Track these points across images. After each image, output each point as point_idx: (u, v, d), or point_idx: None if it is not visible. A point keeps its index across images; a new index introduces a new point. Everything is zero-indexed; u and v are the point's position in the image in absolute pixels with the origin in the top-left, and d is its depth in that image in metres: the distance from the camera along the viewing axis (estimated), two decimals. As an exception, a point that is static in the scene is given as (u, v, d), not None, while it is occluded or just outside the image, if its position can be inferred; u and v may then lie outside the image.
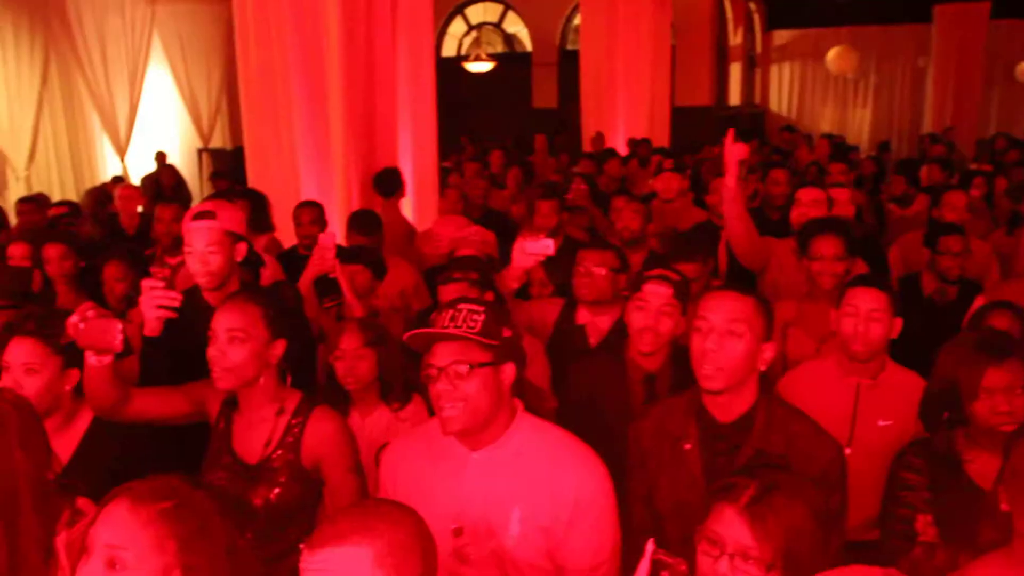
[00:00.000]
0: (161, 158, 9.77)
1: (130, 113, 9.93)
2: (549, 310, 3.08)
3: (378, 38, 5.01)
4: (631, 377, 2.46)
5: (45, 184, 9.23)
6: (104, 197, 7.76)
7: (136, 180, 9.37)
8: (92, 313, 1.94)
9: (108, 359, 1.99)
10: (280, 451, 2.08)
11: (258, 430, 2.09)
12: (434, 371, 1.70)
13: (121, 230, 5.73)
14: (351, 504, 1.37)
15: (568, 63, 13.34)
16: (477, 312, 1.71)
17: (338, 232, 4.06)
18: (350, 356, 2.56)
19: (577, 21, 12.88)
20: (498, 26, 15.51)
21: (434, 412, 1.75)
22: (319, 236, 3.24)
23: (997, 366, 1.94)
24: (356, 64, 4.81)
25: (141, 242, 4.88)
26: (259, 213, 4.35)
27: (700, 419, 1.92)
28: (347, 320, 2.79)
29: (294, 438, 2.08)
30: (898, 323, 2.41)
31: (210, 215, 2.47)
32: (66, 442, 2.13)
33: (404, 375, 2.58)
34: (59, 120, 9.73)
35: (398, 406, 2.62)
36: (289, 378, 2.14)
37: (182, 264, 3.19)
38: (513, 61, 14.95)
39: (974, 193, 5.40)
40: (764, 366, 1.88)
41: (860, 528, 2.28)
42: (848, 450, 2.26)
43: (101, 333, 1.93)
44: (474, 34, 15.50)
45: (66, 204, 5.84)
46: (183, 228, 2.54)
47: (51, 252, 3.66)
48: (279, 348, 2.08)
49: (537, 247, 2.75)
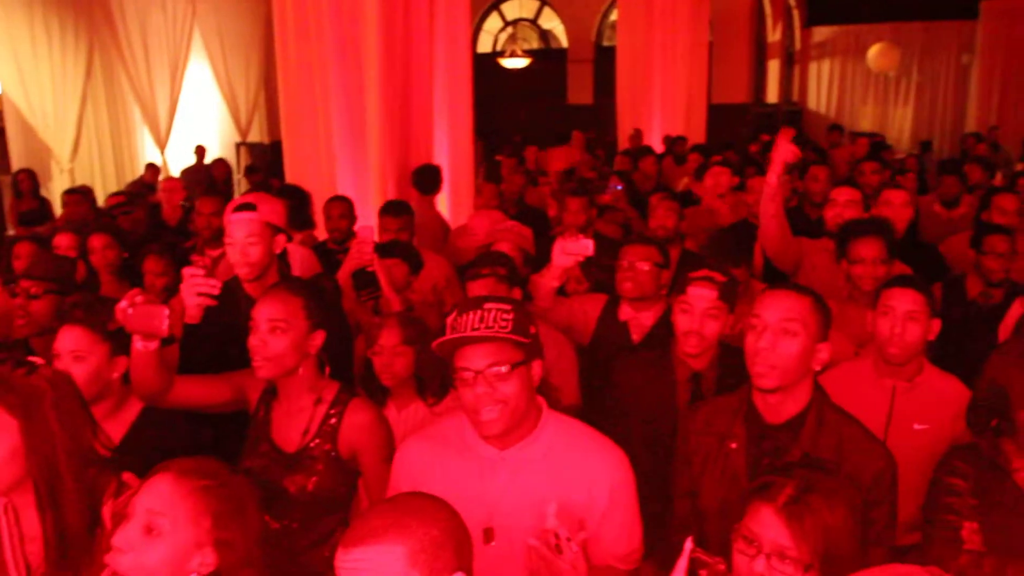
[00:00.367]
0: (200, 152, 9.91)
1: (170, 107, 10.08)
2: (591, 306, 3.07)
3: (415, 34, 5.03)
4: (677, 375, 2.44)
5: (88, 176, 9.42)
6: (144, 190, 7.90)
7: (175, 173, 9.52)
8: (140, 299, 1.98)
9: (154, 344, 2.03)
10: (317, 440, 2.10)
11: (296, 419, 2.12)
12: (470, 374, 1.67)
13: (163, 222, 5.83)
14: (384, 499, 1.36)
15: (604, 59, 13.28)
16: (506, 311, 1.69)
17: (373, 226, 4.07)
18: (388, 352, 2.58)
19: (613, 17, 12.82)
20: (534, 22, 15.49)
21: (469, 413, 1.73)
22: (357, 230, 3.26)
23: None
24: (393, 60, 4.84)
25: (183, 234, 4.95)
26: (297, 210, 4.38)
27: (748, 419, 1.90)
28: (387, 316, 2.80)
29: (331, 428, 2.11)
30: (936, 324, 2.36)
31: (251, 207, 2.51)
32: (115, 428, 2.17)
33: (441, 372, 2.58)
34: (102, 114, 9.91)
35: (433, 401, 2.63)
36: (328, 369, 2.16)
37: (223, 256, 3.24)
38: (549, 57, 14.93)
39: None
40: (819, 366, 1.86)
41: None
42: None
43: (148, 318, 1.96)
44: (510, 30, 15.50)
45: (123, 194, 5.94)
46: (224, 220, 2.57)
47: (96, 243, 3.75)
48: (318, 339, 2.11)
49: (577, 247, 2.75)
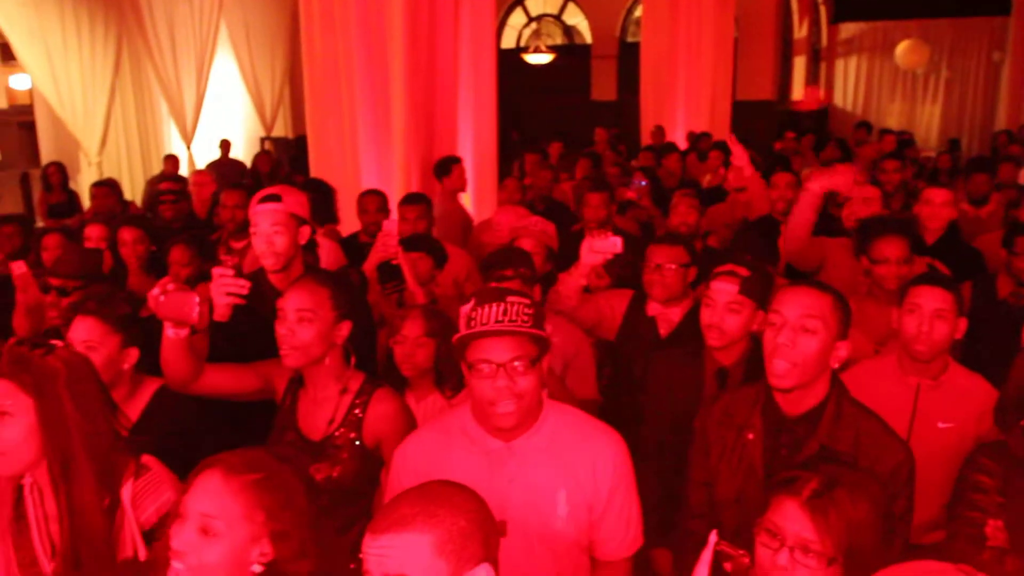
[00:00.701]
0: (225, 146, 9.99)
1: (197, 101, 10.16)
2: (618, 301, 3.08)
3: (440, 29, 5.05)
4: (706, 370, 2.46)
5: (115, 170, 9.53)
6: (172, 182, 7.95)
7: (200, 166, 9.61)
8: (172, 287, 2.01)
9: (185, 332, 2.06)
10: (343, 429, 2.13)
11: (322, 408, 2.15)
12: (491, 367, 1.68)
13: (194, 214, 5.88)
14: (413, 487, 1.38)
15: (628, 55, 13.22)
16: (527, 305, 1.71)
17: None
18: (410, 343, 2.60)
19: (638, 13, 12.76)
20: (558, 18, 15.45)
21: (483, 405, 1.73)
22: (383, 223, 3.28)
23: None
24: (418, 55, 4.85)
25: (210, 227, 5.01)
26: (321, 204, 4.41)
27: (766, 411, 1.90)
28: (412, 307, 2.83)
29: (357, 417, 2.14)
30: (963, 324, 2.35)
31: (276, 198, 2.55)
32: (128, 415, 2.20)
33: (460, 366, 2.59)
34: (129, 107, 10.02)
35: (451, 394, 2.65)
36: (353, 359, 2.19)
37: (247, 247, 3.28)
38: (572, 53, 14.89)
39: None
40: (837, 364, 1.85)
41: (917, 531, 2.22)
42: (905, 451, 2.21)
43: (179, 306, 1.99)
44: (534, 26, 15.48)
45: (176, 182, 5.99)
46: (250, 211, 2.61)
47: (126, 235, 3.79)
48: (345, 329, 2.14)
49: (605, 245, 2.77)
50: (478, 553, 1.30)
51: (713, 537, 1.41)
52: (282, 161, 10.00)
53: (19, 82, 9.79)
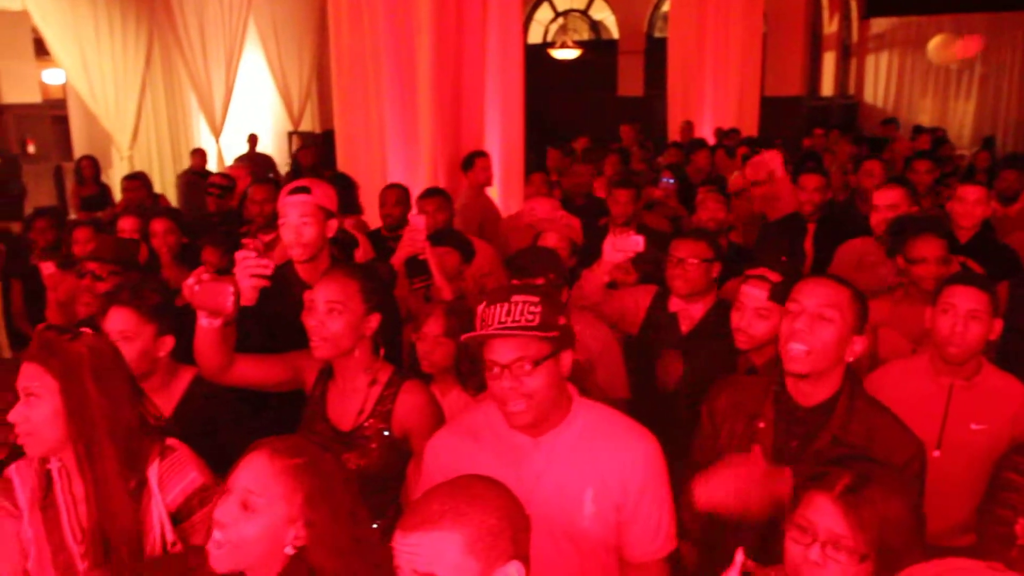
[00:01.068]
0: (253, 140, 10.08)
1: (225, 95, 10.27)
2: (641, 297, 3.08)
3: (468, 24, 5.05)
4: (738, 368, 2.47)
5: (145, 163, 9.67)
6: (196, 178, 8.04)
7: (229, 161, 9.71)
8: (207, 276, 2.05)
9: (219, 321, 2.08)
10: (372, 420, 2.16)
11: (352, 399, 2.18)
12: (497, 368, 1.69)
13: (235, 210, 5.91)
14: (443, 483, 1.38)
15: (655, 51, 13.14)
16: (534, 303, 1.68)
17: (420, 215, 4.10)
18: (430, 341, 2.61)
19: (665, 8, 12.68)
20: (585, 13, 15.40)
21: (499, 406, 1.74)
22: (410, 217, 3.29)
23: None
24: (446, 49, 4.87)
25: (242, 220, 5.04)
26: (343, 197, 4.43)
27: (779, 400, 1.91)
28: (436, 303, 2.83)
29: (386, 408, 2.16)
30: (998, 324, 2.31)
31: (305, 190, 2.58)
32: (165, 402, 2.27)
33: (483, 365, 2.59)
34: (160, 102, 10.15)
35: (474, 393, 2.65)
36: (382, 351, 2.21)
37: (275, 240, 3.30)
38: (599, 48, 14.84)
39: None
40: (852, 358, 1.85)
41: (948, 534, 2.21)
42: (937, 452, 2.20)
43: (214, 295, 2.02)
44: (560, 21, 15.44)
45: (224, 176, 6.06)
46: (279, 203, 2.63)
47: (157, 227, 3.85)
48: (374, 321, 2.16)
49: (627, 243, 2.77)
50: (508, 550, 1.31)
51: (740, 556, 1.41)
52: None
53: (53, 77, 9.94)
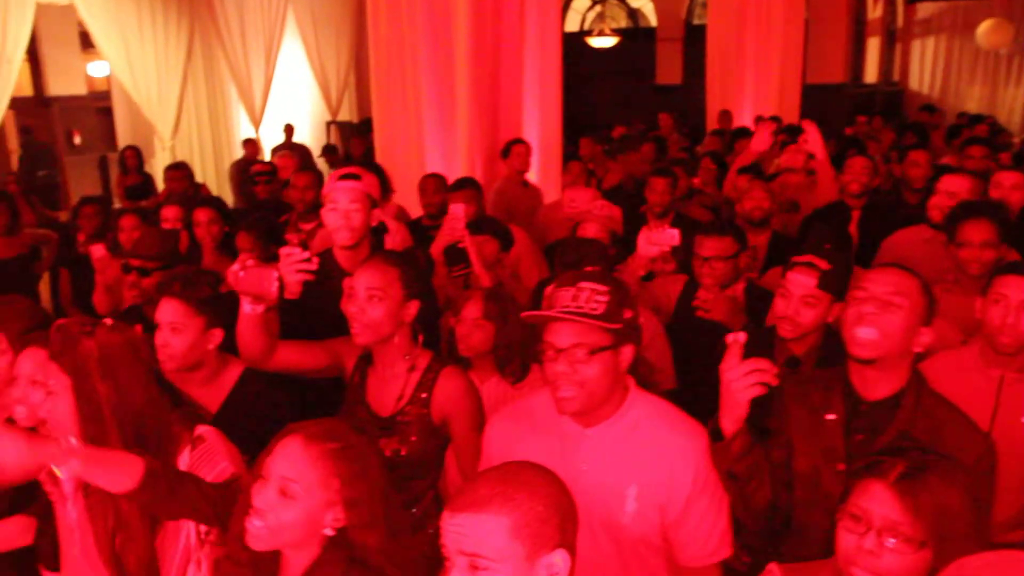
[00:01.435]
0: (289, 130, 10.16)
1: (265, 85, 10.36)
2: (672, 286, 3.09)
3: (505, 13, 5.03)
4: (776, 357, 2.40)
5: (187, 153, 9.80)
6: (247, 167, 8.13)
7: (268, 150, 9.82)
8: (252, 263, 2.07)
9: (262, 308, 2.10)
10: (411, 406, 2.18)
11: (391, 385, 2.20)
12: (552, 352, 1.67)
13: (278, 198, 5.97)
14: (494, 467, 1.39)
15: (694, 38, 12.97)
16: (601, 293, 1.66)
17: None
18: (468, 324, 2.61)
19: (705, -6, 12.52)
20: (623, 1, 15.26)
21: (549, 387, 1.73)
22: (449, 206, 3.30)
23: None
24: (483, 39, 4.85)
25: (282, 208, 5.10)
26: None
27: (845, 394, 1.86)
28: (475, 289, 2.84)
29: (425, 394, 2.18)
30: None
31: (355, 176, 2.62)
32: (213, 395, 2.29)
33: (522, 351, 2.59)
34: (201, 92, 10.28)
35: (513, 380, 2.64)
36: (421, 338, 2.22)
37: (317, 228, 3.34)
38: (637, 36, 14.69)
39: None
40: (920, 349, 1.80)
41: (997, 529, 2.14)
42: (985, 445, 2.13)
43: (258, 281, 2.05)
44: (598, 8, 15.32)
45: (267, 164, 6.12)
46: (327, 188, 2.66)
47: (201, 216, 3.91)
48: (413, 308, 2.17)
49: (662, 237, 2.76)
50: (555, 538, 1.30)
51: (776, 571, 1.38)
52: (335, 146, 10.07)
53: (98, 69, 10.14)
